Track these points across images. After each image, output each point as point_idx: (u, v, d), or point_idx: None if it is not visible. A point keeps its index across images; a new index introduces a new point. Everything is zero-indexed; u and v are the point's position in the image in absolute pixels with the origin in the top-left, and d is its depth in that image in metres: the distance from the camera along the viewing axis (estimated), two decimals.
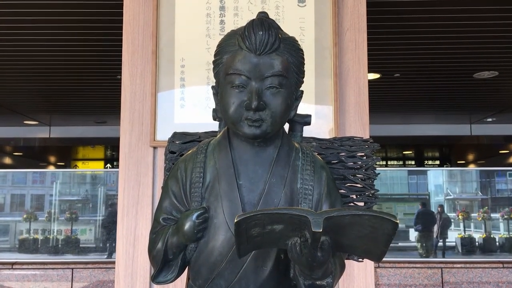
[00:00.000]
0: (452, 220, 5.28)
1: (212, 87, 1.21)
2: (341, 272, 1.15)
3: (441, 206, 5.30)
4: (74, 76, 5.16)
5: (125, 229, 2.08)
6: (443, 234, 5.09)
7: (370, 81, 2.22)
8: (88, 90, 5.82)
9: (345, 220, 0.93)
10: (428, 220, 5.13)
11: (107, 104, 6.58)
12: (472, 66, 4.86)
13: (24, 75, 5.15)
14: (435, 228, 5.13)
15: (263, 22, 1.09)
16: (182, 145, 1.36)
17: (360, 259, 1.34)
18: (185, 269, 1.21)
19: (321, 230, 0.90)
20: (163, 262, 1.17)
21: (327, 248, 0.96)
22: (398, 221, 0.90)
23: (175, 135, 1.39)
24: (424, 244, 5.02)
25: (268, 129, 1.11)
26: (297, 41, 1.16)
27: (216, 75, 1.17)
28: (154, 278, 1.18)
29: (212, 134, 1.34)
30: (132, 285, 2.06)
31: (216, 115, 1.25)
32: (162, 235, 1.17)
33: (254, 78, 1.08)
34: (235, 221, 0.92)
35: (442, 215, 5.20)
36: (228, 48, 1.12)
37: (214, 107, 1.24)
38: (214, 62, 1.16)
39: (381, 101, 6.42)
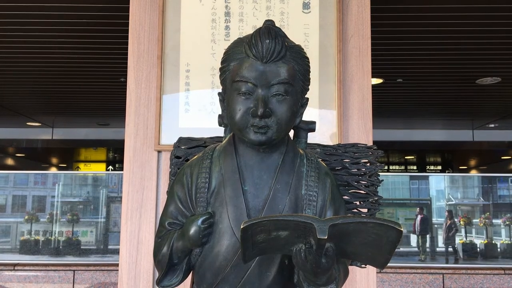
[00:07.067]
0: (453, 227, 5.26)
1: (219, 93, 1.22)
2: (344, 278, 1.16)
3: (449, 212, 5.28)
4: (78, 79, 5.18)
5: (128, 233, 2.09)
6: (448, 240, 5.07)
7: (372, 86, 2.23)
8: (91, 92, 5.83)
9: (350, 228, 0.94)
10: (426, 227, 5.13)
11: (110, 107, 6.60)
12: (475, 72, 4.86)
13: (27, 77, 5.17)
14: (443, 233, 5.13)
15: (270, 30, 1.10)
16: (187, 150, 1.36)
17: (363, 265, 1.34)
18: (189, 273, 1.22)
19: (326, 237, 0.91)
20: (168, 266, 1.18)
21: (331, 255, 0.97)
22: (402, 229, 0.91)
23: (181, 140, 1.39)
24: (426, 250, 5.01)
25: (274, 136, 1.12)
26: (303, 49, 1.17)
27: (222, 82, 1.18)
28: (159, 282, 1.19)
29: (218, 139, 1.35)
30: None
31: (222, 121, 1.26)
32: (167, 239, 1.18)
33: (261, 86, 1.09)
34: (242, 227, 0.93)
35: (450, 220, 5.17)
36: (235, 56, 1.13)
37: (220, 113, 1.25)
38: (221, 69, 1.18)
39: (383, 106, 6.43)
